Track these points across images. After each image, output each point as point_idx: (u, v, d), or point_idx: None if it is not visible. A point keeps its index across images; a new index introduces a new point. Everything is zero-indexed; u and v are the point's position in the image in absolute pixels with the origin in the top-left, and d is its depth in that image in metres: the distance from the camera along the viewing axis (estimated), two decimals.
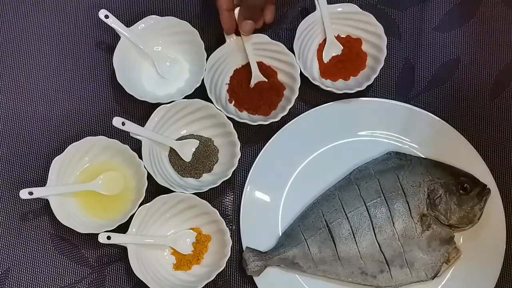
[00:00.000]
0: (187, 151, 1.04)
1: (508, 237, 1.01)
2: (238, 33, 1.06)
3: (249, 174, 1.04)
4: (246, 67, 1.07)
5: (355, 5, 1.07)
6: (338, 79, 1.08)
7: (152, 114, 1.03)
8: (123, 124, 1.00)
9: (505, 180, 1.05)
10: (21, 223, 1.04)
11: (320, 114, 1.05)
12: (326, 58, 1.09)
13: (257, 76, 1.06)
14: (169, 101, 1.03)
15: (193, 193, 1.00)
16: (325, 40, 1.09)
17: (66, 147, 1.01)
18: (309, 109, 1.06)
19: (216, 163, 1.05)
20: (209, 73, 1.05)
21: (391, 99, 1.07)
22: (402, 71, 1.10)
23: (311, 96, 1.08)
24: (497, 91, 1.09)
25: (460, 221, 1.00)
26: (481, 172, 1.02)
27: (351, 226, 1.00)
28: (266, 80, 1.06)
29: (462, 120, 1.08)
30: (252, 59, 1.06)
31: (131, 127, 1.00)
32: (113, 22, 1.05)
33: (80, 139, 1.02)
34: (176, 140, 1.05)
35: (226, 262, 0.98)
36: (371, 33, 1.07)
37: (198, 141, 1.05)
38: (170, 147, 1.05)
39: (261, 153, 1.04)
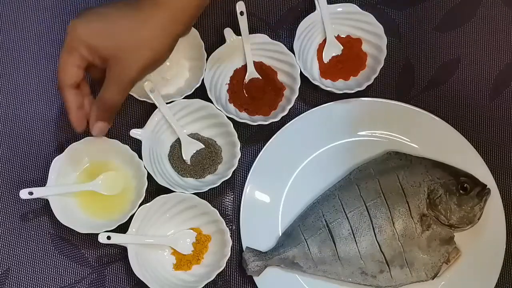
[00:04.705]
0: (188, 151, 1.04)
1: (508, 237, 1.01)
2: (237, 33, 1.06)
3: (249, 174, 1.04)
4: (246, 67, 1.07)
5: (355, 5, 1.07)
6: (338, 79, 1.08)
7: (152, 114, 1.03)
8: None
9: (505, 180, 1.05)
10: (21, 223, 1.04)
11: (320, 114, 1.05)
12: (326, 58, 1.09)
13: (251, 73, 1.06)
14: (169, 101, 1.03)
15: (193, 193, 1.00)
16: (325, 40, 1.09)
17: (66, 147, 1.01)
18: (309, 109, 1.06)
19: (220, 163, 1.05)
20: (209, 73, 1.05)
21: (391, 99, 1.07)
22: (402, 71, 1.10)
23: (311, 96, 1.08)
24: (497, 91, 1.09)
25: (460, 221, 1.00)
26: (481, 172, 1.02)
27: (351, 226, 1.00)
28: (260, 78, 1.06)
29: (462, 120, 1.08)
30: (248, 56, 1.06)
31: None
32: None
33: (80, 139, 1.01)
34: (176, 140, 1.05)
35: (226, 262, 0.98)
36: (371, 33, 1.07)
37: (203, 144, 1.05)
38: (170, 147, 1.05)
39: (261, 153, 1.04)
